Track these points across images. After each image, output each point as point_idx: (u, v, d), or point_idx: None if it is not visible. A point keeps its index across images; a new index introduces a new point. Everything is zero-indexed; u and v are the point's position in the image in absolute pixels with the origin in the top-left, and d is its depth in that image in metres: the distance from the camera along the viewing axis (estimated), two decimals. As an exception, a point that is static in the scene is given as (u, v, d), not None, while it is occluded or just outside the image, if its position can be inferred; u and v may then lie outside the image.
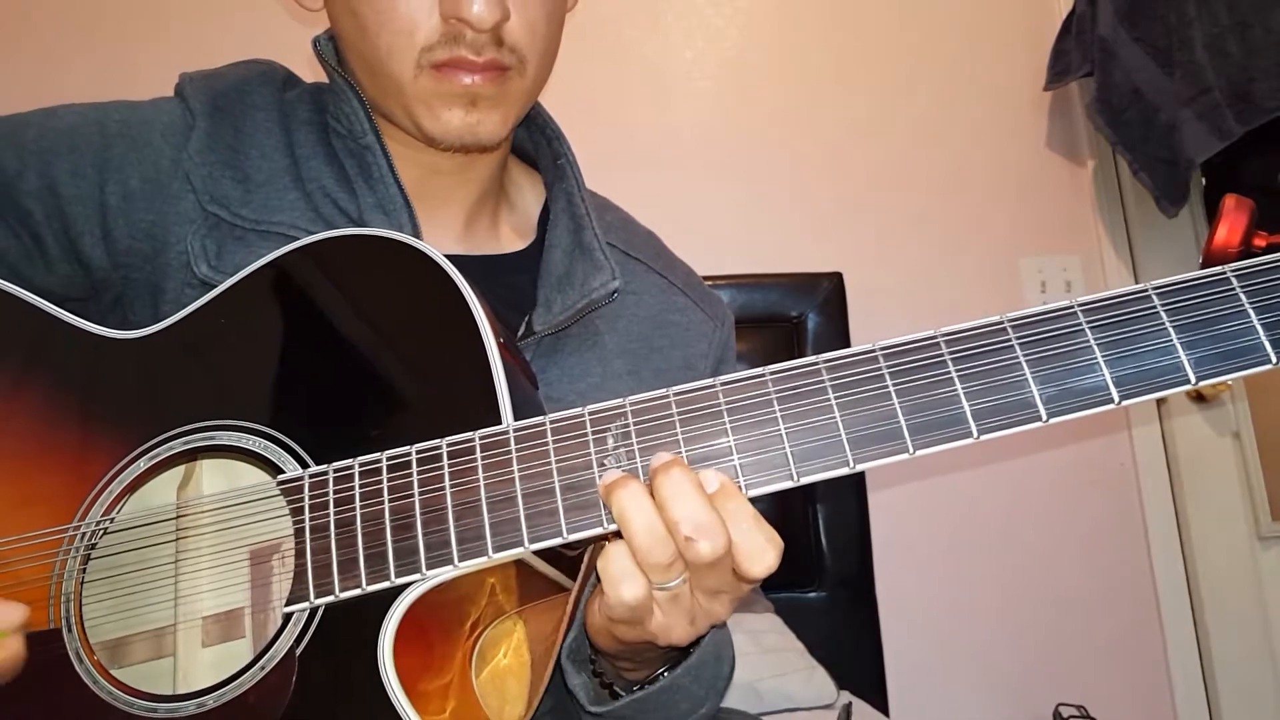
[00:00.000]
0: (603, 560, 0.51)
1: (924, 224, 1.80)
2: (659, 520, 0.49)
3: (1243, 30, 1.55)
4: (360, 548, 0.54)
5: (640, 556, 0.50)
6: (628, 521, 0.49)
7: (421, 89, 0.69)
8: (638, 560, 0.50)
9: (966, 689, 1.67)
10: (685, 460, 0.52)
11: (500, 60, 0.69)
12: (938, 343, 0.52)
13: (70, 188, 0.70)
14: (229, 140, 0.75)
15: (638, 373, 0.81)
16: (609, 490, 0.50)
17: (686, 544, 0.49)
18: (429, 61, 0.68)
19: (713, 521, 0.49)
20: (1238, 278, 0.50)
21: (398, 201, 0.74)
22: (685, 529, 0.48)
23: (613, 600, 0.51)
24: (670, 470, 0.49)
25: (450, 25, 0.67)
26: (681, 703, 0.63)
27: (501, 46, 0.68)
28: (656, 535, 0.49)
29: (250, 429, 0.59)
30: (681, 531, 0.48)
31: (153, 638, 0.58)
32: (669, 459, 0.50)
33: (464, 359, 0.58)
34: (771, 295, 1.64)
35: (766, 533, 0.51)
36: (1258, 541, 1.74)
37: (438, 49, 0.67)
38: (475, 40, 0.67)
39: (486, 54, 0.68)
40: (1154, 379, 0.50)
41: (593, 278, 0.78)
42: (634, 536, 0.49)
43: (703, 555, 0.49)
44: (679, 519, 0.48)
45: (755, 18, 1.85)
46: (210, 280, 0.68)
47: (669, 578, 0.51)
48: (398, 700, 0.50)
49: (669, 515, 0.49)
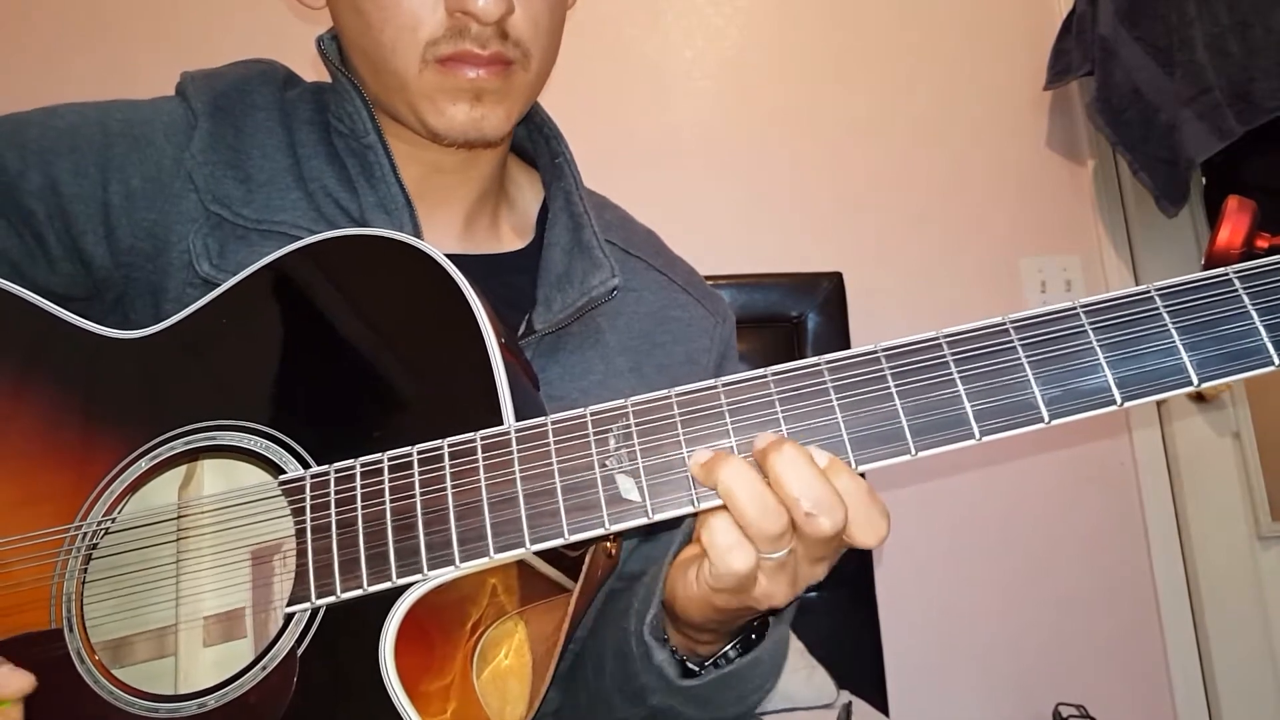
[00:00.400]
0: (707, 533, 0.52)
1: (924, 224, 1.80)
2: (769, 494, 0.50)
3: (1243, 30, 1.55)
4: (362, 548, 0.54)
5: (752, 530, 0.50)
6: (736, 496, 0.50)
7: (426, 84, 0.69)
8: (747, 533, 0.51)
9: (966, 689, 1.67)
10: (686, 462, 0.52)
11: (505, 54, 0.69)
12: (940, 344, 0.52)
13: (72, 187, 0.70)
14: (230, 140, 0.75)
15: (640, 369, 0.82)
16: (709, 467, 0.51)
17: (807, 519, 0.49)
18: (434, 56, 0.68)
19: (832, 497, 0.50)
20: (1240, 279, 0.50)
21: (399, 201, 0.74)
22: (806, 505, 0.49)
23: (722, 570, 0.52)
24: (782, 447, 0.50)
25: (455, 19, 0.67)
26: (756, 677, 0.64)
27: (506, 40, 0.69)
28: (768, 509, 0.50)
29: (251, 429, 0.59)
30: (803, 508, 0.49)
31: (154, 637, 0.58)
32: (775, 437, 0.51)
33: (465, 359, 0.58)
34: (771, 295, 1.64)
35: (879, 506, 0.52)
36: (1258, 541, 1.74)
37: (442, 43, 0.67)
38: (480, 34, 0.67)
39: (491, 47, 0.68)
40: (1156, 380, 0.50)
41: (592, 275, 0.78)
42: (744, 511, 0.50)
43: (824, 530, 0.50)
44: (798, 495, 0.49)
45: (755, 17, 1.85)
46: (212, 279, 0.68)
47: (778, 548, 0.51)
48: (399, 701, 0.50)
49: (786, 491, 0.49)
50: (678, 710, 0.64)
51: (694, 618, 0.60)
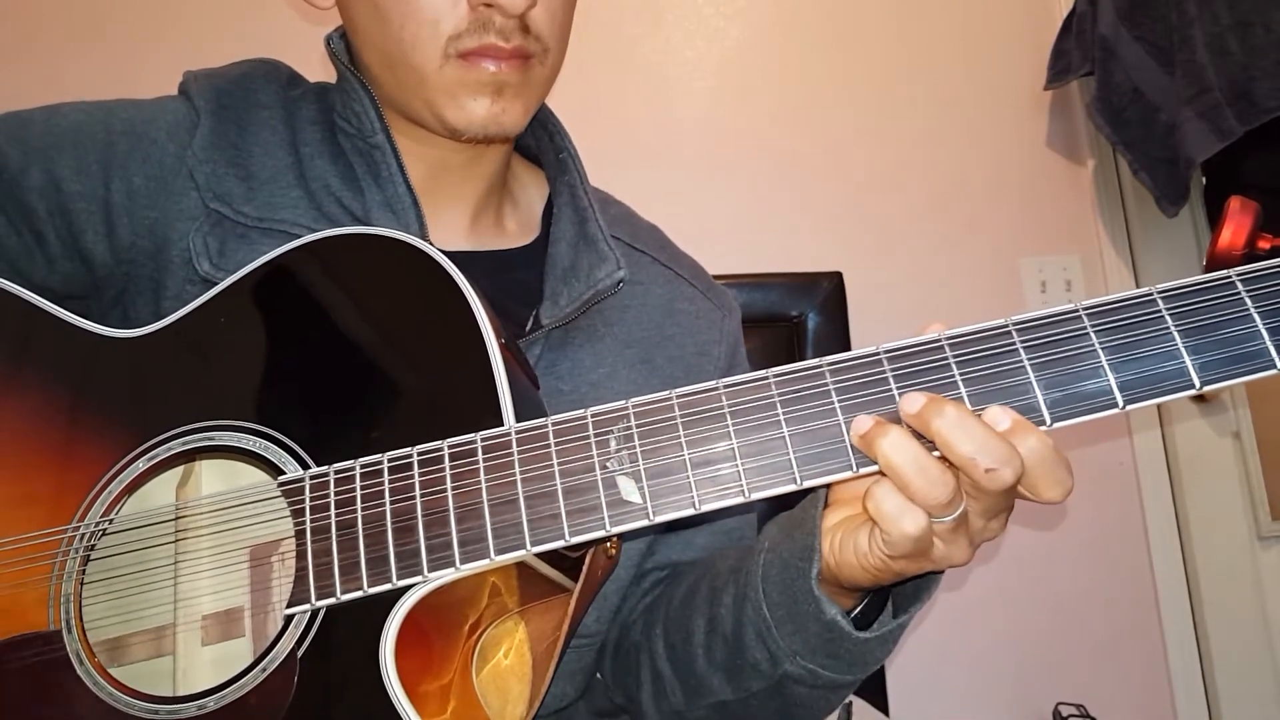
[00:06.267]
0: (873, 502, 0.51)
1: (924, 224, 1.80)
2: (931, 461, 0.50)
3: (1243, 29, 1.54)
4: (362, 550, 0.54)
5: (919, 497, 0.50)
6: (900, 469, 0.50)
7: (446, 79, 0.69)
8: (915, 500, 0.50)
9: (966, 688, 1.67)
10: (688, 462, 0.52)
11: (526, 48, 0.69)
12: (942, 345, 0.52)
13: (74, 184, 0.70)
14: (233, 138, 0.75)
15: (651, 361, 0.82)
16: (868, 440, 0.51)
17: (988, 475, 0.49)
18: (456, 50, 0.68)
19: (1006, 448, 0.49)
20: (1243, 282, 0.50)
21: (406, 200, 0.74)
22: (986, 462, 0.49)
23: (896, 537, 0.51)
24: (943, 408, 0.49)
25: (479, 12, 0.67)
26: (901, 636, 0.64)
27: (528, 34, 0.69)
28: (933, 476, 0.50)
29: (250, 429, 0.59)
30: (981, 465, 0.49)
31: (152, 637, 0.58)
32: (926, 398, 0.50)
33: (465, 360, 0.57)
34: (771, 295, 1.64)
35: (1064, 461, 0.52)
36: (1258, 541, 1.74)
37: (465, 36, 0.68)
38: (504, 27, 0.68)
39: (514, 41, 0.68)
40: (1159, 384, 0.50)
41: (598, 269, 0.78)
42: (910, 482, 0.50)
43: (1006, 481, 0.50)
44: (973, 454, 0.49)
45: (755, 17, 1.85)
46: (212, 278, 0.68)
47: (950, 512, 0.51)
48: (399, 702, 0.50)
49: (959, 452, 0.49)
50: (817, 673, 0.63)
51: (859, 581, 0.58)
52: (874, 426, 0.51)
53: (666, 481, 0.52)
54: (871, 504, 0.52)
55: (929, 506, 0.51)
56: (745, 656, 0.65)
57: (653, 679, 0.75)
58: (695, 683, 0.71)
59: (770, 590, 0.63)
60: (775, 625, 0.63)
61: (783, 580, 0.62)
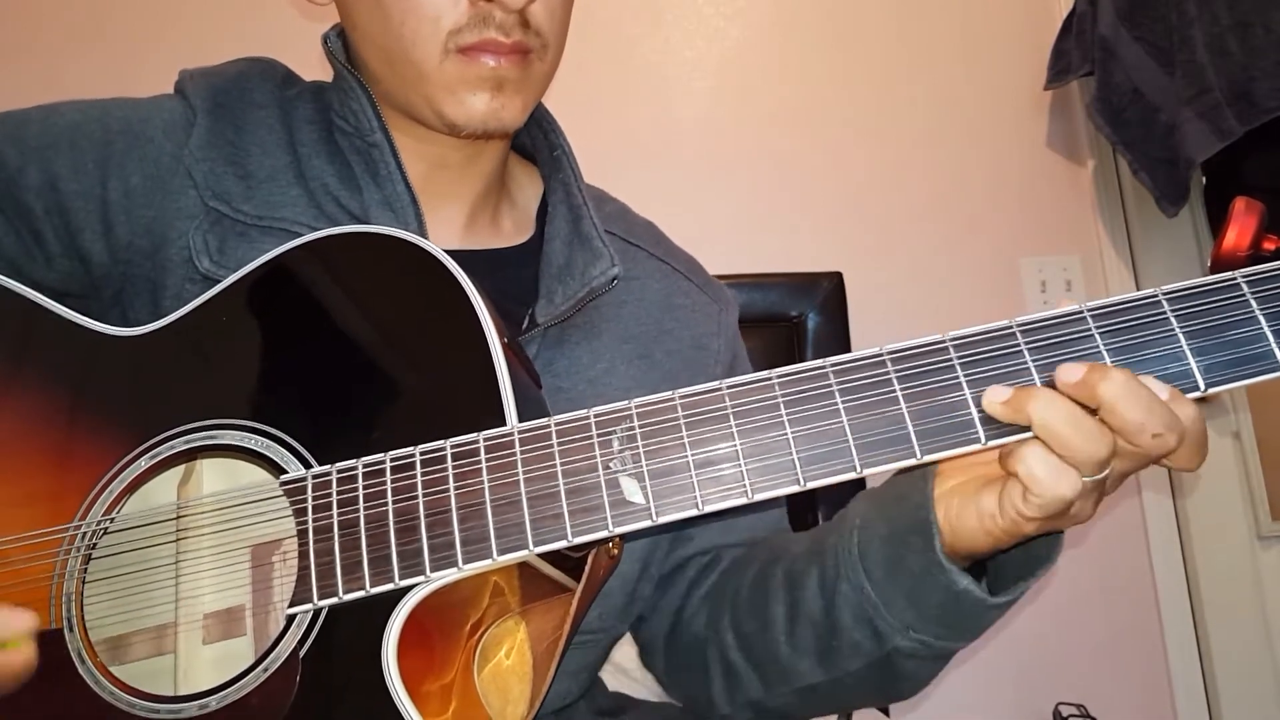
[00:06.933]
0: (1024, 466, 0.51)
1: (924, 224, 1.80)
2: (1088, 420, 0.50)
3: (1243, 30, 1.54)
4: (364, 549, 0.53)
5: (1078, 455, 0.50)
6: (1056, 427, 0.50)
7: (446, 74, 0.69)
8: (1073, 458, 0.50)
9: (966, 688, 1.67)
10: (691, 463, 0.52)
11: (526, 43, 0.70)
12: (946, 347, 0.52)
13: (71, 184, 0.70)
14: (230, 136, 0.75)
15: (649, 355, 0.82)
16: (1015, 404, 0.51)
17: (1155, 440, 0.50)
18: (456, 45, 0.68)
19: (1172, 415, 0.50)
20: (1248, 284, 0.50)
21: (404, 199, 0.74)
22: (1154, 427, 0.49)
23: (1049, 498, 0.51)
24: (1110, 374, 0.49)
25: (479, 7, 0.68)
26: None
27: (528, 29, 0.69)
28: (1091, 435, 0.50)
29: (251, 428, 0.59)
30: (1150, 430, 0.49)
31: (154, 636, 0.58)
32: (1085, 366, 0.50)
33: (468, 359, 0.57)
34: (771, 295, 1.64)
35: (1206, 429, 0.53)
36: (1258, 541, 1.74)
37: (466, 31, 0.68)
38: (504, 22, 0.68)
39: (514, 36, 0.69)
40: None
41: (592, 266, 0.78)
42: (1069, 440, 0.50)
43: (1169, 446, 0.50)
44: (1143, 420, 0.49)
45: (756, 17, 1.85)
46: (212, 275, 0.68)
47: (1101, 471, 0.51)
48: (401, 703, 0.50)
49: (1129, 417, 0.49)
50: (930, 644, 0.62)
51: (979, 546, 0.58)
52: (1016, 392, 0.51)
53: (669, 482, 0.52)
54: (1023, 467, 0.51)
55: (1086, 464, 0.51)
56: (842, 638, 0.65)
57: (724, 672, 0.75)
58: (779, 670, 0.70)
59: (872, 567, 0.63)
60: (883, 602, 0.62)
61: (889, 555, 0.62)
